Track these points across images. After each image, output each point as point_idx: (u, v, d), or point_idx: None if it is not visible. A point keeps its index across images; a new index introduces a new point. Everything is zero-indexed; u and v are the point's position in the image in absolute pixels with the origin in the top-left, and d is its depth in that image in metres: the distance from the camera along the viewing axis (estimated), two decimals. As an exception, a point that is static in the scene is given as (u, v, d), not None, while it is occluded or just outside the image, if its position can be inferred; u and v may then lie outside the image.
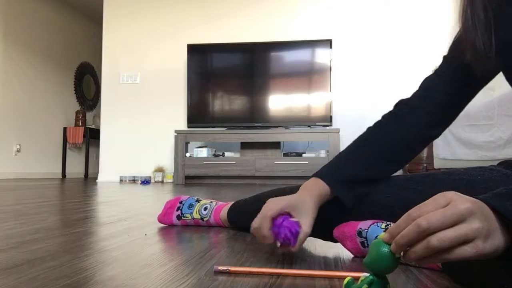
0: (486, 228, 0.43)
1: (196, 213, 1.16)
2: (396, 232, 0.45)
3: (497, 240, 0.43)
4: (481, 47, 0.68)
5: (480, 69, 0.70)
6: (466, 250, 0.42)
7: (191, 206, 1.18)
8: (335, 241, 0.84)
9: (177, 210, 1.18)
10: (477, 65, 0.70)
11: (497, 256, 0.44)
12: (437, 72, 0.82)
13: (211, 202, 1.18)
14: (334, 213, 0.82)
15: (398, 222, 0.46)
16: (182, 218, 1.17)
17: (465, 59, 0.73)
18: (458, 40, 0.77)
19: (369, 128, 0.85)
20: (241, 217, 1.08)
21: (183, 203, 1.19)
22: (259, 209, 1.05)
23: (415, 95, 0.84)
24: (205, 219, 1.15)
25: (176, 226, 1.18)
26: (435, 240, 0.42)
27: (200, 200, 1.19)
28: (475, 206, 0.43)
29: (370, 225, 0.77)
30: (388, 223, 0.76)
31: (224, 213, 1.12)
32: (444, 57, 0.82)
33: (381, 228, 0.75)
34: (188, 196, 1.21)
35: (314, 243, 0.93)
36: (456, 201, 0.44)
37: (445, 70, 0.81)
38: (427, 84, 0.83)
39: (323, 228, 0.84)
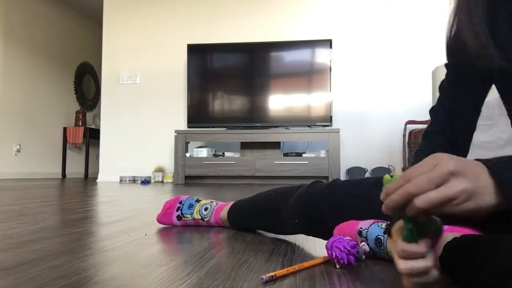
0: (472, 189, 0.45)
1: (197, 213, 1.15)
2: (390, 192, 0.48)
3: (482, 200, 0.46)
4: (483, 34, 0.64)
5: (483, 61, 0.66)
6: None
7: (191, 206, 1.17)
8: None
9: (177, 211, 1.17)
10: (480, 56, 0.66)
11: (481, 214, 0.47)
12: (443, 85, 0.79)
13: (211, 202, 1.18)
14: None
15: (393, 182, 0.49)
16: (183, 218, 1.16)
17: (465, 53, 0.69)
18: (455, 39, 0.75)
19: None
20: (241, 217, 1.09)
21: (183, 203, 1.18)
22: (258, 208, 1.04)
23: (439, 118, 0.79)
24: (205, 219, 1.14)
25: (176, 226, 1.17)
26: (419, 201, 0.45)
27: (200, 200, 1.18)
28: (460, 166, 0.46)
29: (371, 225, 0.77)
30: (389, 222, 0.76)
31: (224, 213, 1.12)
32: (447, 66, 0.80)
33: (382, 228, 0.75)
34: (187, 196, 1.21)
35: (314, 243, 0.93)
36: (442, 163, 0.46)
37: (454, 82, 0.77)
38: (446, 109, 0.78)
39: (322, 227, 0.84)
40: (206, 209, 1.15)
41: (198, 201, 1.18)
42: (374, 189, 0.81)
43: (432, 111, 0.81)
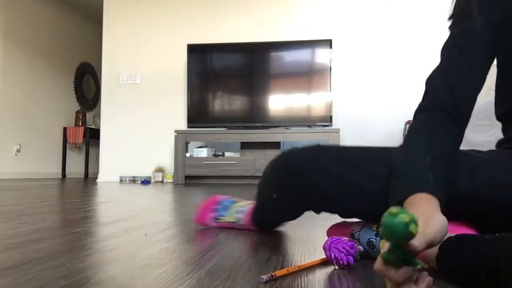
0: None
1: (231, 216, 1.09)
2: None
3: None
4: None
5: None
6: None
7: (227, 208, 1.11)
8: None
9: (213, 212, 1.12)
10: None
11: None
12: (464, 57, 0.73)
13: (246, 204, 1.10)
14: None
15: None
16: (218, 220, 1.11)
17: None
18: None
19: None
20: (260, 219, 1.03)
21: (219, 204, 1.12)
22: (277, 200, 0.93)
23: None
24: (239, 223, 1.08)
25: (175, 226, 1.17)
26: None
27: (236, 201, 1.12)
28: None
29: (362, 228, 0.77)
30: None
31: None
32: (454, 27, 0.76)
33: (373, 230, 0.75)
34: (226, 197, 1.14)
35: (314, 243, 0.93)
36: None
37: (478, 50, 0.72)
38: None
39: (305, 198, 0.81)
40: (240, 212, 1.08)
41: (235, 202, 1.12)
42: (367, 160, 0.75)
43: (430, 81, 0.74)
